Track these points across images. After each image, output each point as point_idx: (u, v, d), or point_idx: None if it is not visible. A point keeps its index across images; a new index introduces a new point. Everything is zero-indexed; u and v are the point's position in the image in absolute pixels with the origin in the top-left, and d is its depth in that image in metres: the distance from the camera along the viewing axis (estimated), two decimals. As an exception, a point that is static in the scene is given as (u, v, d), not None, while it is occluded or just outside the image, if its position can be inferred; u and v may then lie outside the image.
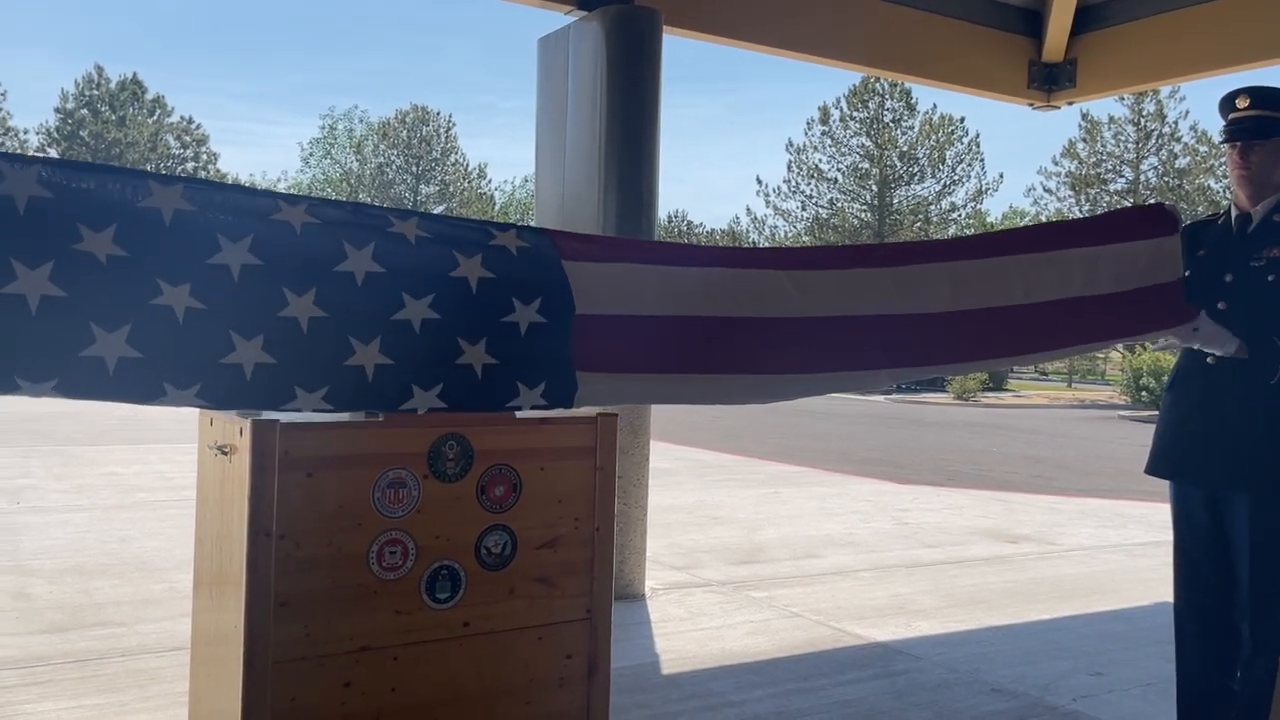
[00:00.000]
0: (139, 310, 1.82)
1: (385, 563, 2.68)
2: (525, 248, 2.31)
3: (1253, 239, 3.04)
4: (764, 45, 6.00)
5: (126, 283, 1.82)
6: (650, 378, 2.45)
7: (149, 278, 1.84)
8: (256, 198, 2.09)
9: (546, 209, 5.73)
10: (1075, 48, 6.85)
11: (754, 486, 9.67)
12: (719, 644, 4.54)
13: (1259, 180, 3.03)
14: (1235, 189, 3.11)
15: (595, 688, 3.00)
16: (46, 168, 1.77)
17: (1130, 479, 11.26)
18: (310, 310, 1.99)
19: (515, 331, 2.25)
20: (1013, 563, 6.53)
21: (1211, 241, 3.16)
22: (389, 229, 2.14)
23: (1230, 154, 3.07)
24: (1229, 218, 3.14)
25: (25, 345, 1.73)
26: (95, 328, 1.78)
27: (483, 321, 2.22)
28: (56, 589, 5.10)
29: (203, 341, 1.89)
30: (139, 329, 1.82)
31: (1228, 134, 3.06)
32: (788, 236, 48.43)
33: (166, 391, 1.88)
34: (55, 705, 3.54)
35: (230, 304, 1.92)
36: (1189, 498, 3.15)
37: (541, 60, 5.81)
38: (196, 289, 1.87)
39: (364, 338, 2.07)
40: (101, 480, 8.71)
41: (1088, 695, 3.98)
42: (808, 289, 2.60)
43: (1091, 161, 40.40)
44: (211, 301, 1.89)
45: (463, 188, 51.33)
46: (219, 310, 1.90)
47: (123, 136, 51.05)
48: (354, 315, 2.06)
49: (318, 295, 2.00)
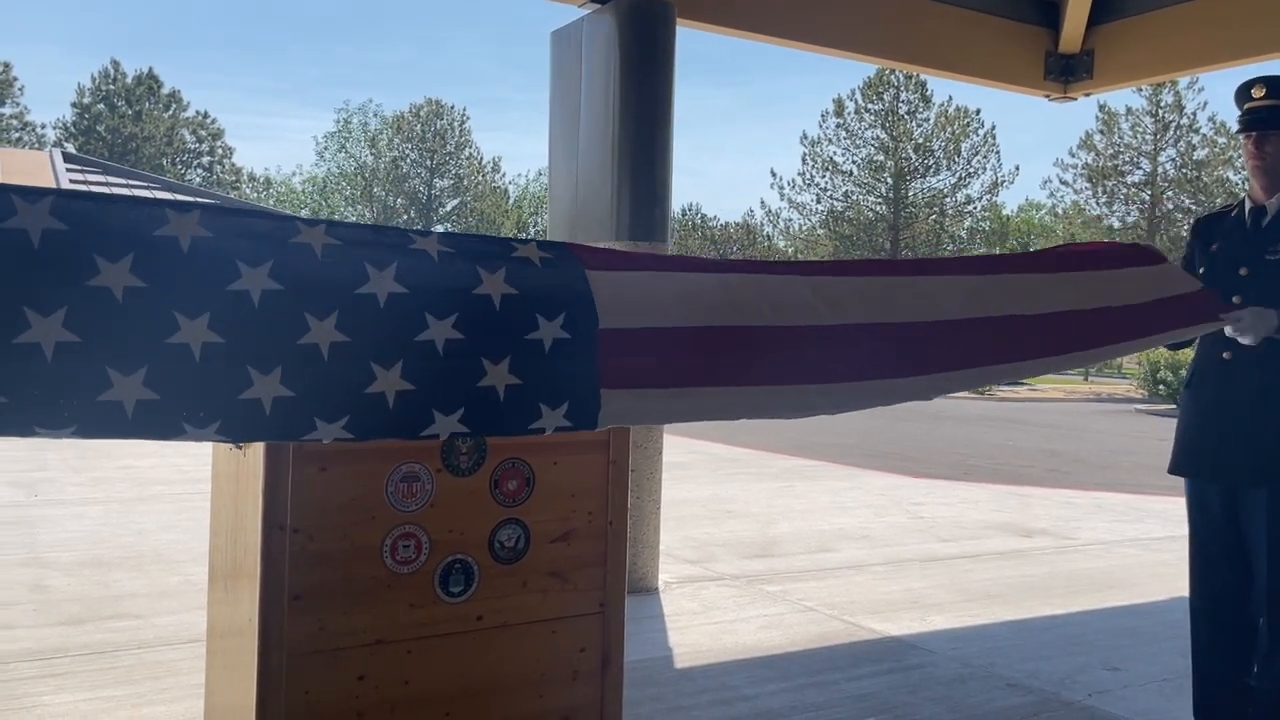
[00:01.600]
0: (156, 351, 1.80)
1: (399, 556, 2.68)
2: (548, 258, 2.27)
3: (1268, 232, 3.01)
4: (777, 37, 5.98)
5: (143, 320, 1.79)
6: (674, 393, 2.39)
7: (166, 311, 1.82)
8: (275, 221, 2.07)
9: (560, 202, 5.73)
10: (1092, 39, 6.80)
11: (768, 480, 9.66)
12: (732, 638, 4.53)
13: (1274, 171, 3.00)
14: (1250, 180, 3.08)
15: (608, 681, 3.00)
16: (60, 198, 1.75)
17: (1147, 473, 11.20)
18: (332, 335, 1.96)
19: (539, 349, 2.19)
20: (1028, 557, 6.50)
21: (1225, 235, 3.14)
22: (410, 246, 2.11)
23: (1245, 144, 3.04)
24: (1242, 210, 3.11)
25: (42, 394, 1.71)
26: (112, 372, 1.76)
27: (506, 340, 2.16)
28: (74, 581, 5.14)
29: (221, 378, 1.87)
30: (156, 370, 1.80)
31: (1243, 124, 3.03)
32: (802, 230, 48.32)
33: (186, 430, 1.87)
34: (73, 697, 3.56)
35: (249, 334, 1.88)
36: (1206, 494, 3.13)
37: (554, 53, 5.80)
38: (215, 319, 1.85)
39: (386, 362, 2.02)
40: (118, 473, 8.76)
41: (1104, 690, 3.96)
42: (831, 298, 2.56)
43: (1109, 153, 40.15)
44: (230, 333, 1.86)
45: (477, 181, 51.37)
46: (237, 343, 1.87)
47: (139, 131, 51.31)
48: (376, 338, 2.02)
49: (339, 319, 1.97)
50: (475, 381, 2.13)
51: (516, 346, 2.17)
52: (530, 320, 2.19)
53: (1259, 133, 2.99)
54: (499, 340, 2.16)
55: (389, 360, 2.03)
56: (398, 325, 2.06)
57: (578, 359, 2.24)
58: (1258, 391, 2.97)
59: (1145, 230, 38.65)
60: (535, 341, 2.19)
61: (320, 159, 56.49)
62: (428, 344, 2.07)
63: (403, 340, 2.06)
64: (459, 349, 2.10)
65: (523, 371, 2.17)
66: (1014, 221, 58.51)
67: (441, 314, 2.09)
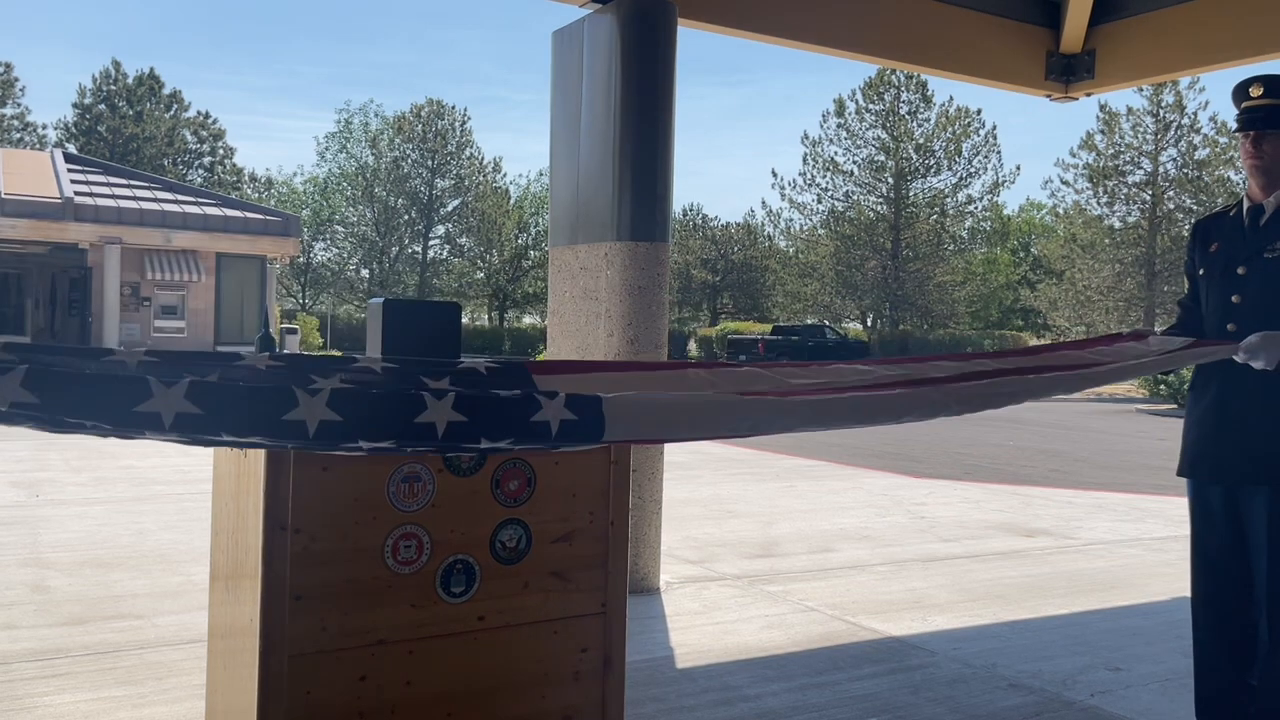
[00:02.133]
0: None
1: (400, 556, 2.68)
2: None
3: (1266, 231, 3.02)
4: (778, 37, 5.98)
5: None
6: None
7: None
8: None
9: (561, 202, 5.72)
10: (1094, 38, 6.79)
11: (769, 480, 9.66)
12: (734, 638, 4.53)
13: (1272, 170, 3.01)
14: (1249, 179, 3.09)
15: (610, 681, 3.00)
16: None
17: (1148, 473, 11.19)
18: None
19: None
20: (1030, 557, 6.49)
21: (1224, 235, 3.14)
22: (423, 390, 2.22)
23: (1243, 143, 3.05)
24: (1241, 210, 3.12)
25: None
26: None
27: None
28: (75, 581, 5.14)
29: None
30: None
31: (1241, 123, 3.03)
32: (803, 230, 48.31)
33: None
34: (74, 697, 3.56)
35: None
36: (1207, 494, 3.13)
37: (555, 53, 5.80)
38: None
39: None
40: (119, 473, 8.76)
41: (1105, 690, 3.96)
42: (784, 372, 2.70)
43: (1110, 153, 40.09)
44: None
45: (478, 181, 51.34)
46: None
47: (140, 131, 51.34)
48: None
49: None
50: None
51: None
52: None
53: (1257, 132, 2.99)
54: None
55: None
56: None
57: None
58: (1258, 392, 2.97)
59: (1146, 230, 38.63)
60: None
61: (321, 159, 56.61)
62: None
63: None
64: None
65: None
66: (1015, 221, 58.54)
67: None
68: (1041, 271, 49.30)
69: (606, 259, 5.30)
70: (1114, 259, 38.44)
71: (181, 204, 26.37)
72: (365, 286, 50.96)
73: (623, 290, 5.23)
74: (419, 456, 2.69)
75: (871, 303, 46.80)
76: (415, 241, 51.31)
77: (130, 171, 30.21)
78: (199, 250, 26.02)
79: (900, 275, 44.70)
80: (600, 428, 2.27)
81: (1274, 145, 2.98)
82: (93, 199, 24.87)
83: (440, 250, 51.99)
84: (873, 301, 46.63)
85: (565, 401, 2.24)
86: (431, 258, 51.56)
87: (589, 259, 5.43)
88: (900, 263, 44.81)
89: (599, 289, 5.34)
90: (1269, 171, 3.01)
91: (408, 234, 51.04)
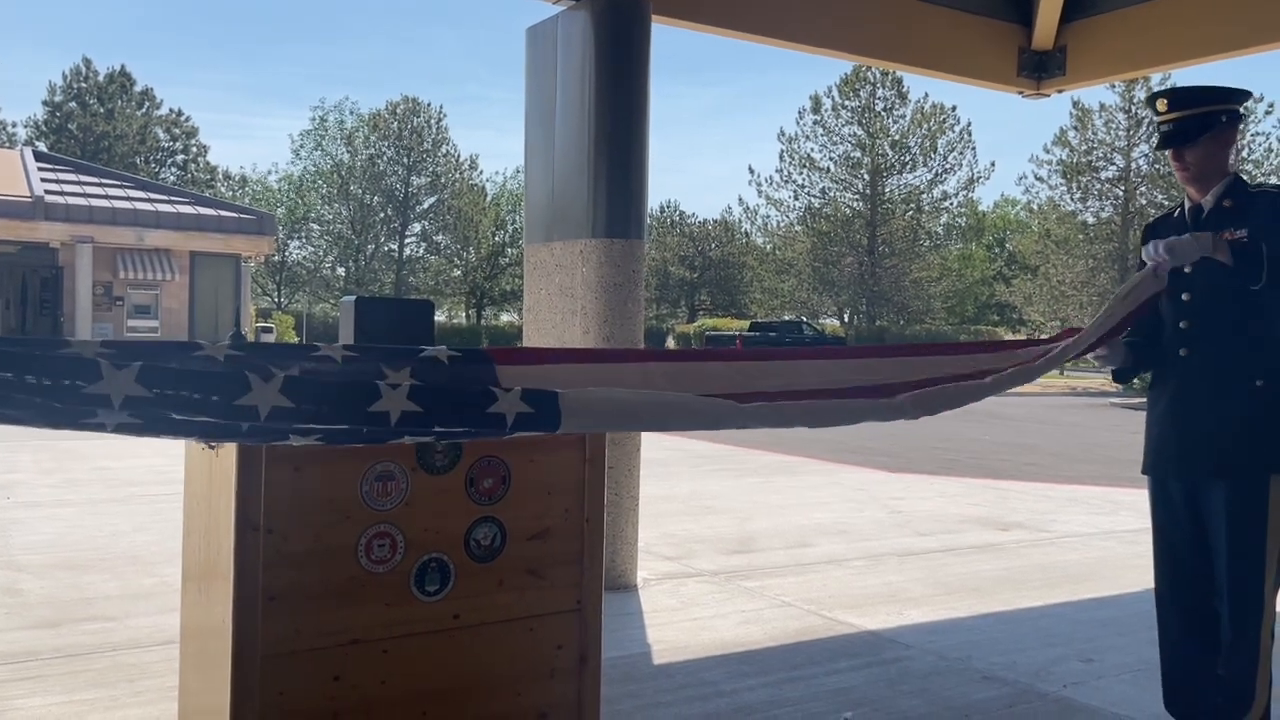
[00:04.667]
0: None
1: (374, 555, 2.67)
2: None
3: (1205, 225, 3.09)
4: (752, 34, 5.98)
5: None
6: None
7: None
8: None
9: (536, 200, 5.71)
10: (1065, 35, 6.84)
11: (747, 476, 9.68)
12: (711, 634, 4.54)
13: (1202, 175, 3.11)
14: (1184, 186, 3.18)
15: (586, 678, 3.00)
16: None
17: (1121, 466, 11.30)
18: None
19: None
20: (1005, 550, 6.54)
21: (1170, 235, 3.20)
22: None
23: (1168, 156, 3.14)
24: (1184, 210, 3.20)
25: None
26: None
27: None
28: (47, 584, 5.09)
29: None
30: None
31: (1160, 141, 3.12)
32: (780, 226, 48.41)
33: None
34: (46, 700, 3.53)
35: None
36: (1168, 487, 3.18)
37: (530, 50, 5.78)
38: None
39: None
40: (92, 475, 8.68)
41: (1078, 682, 3.99)
42: (746, 372, 2.74)
43: (1083, 149, 40.34)
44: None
45: (454, 179, 51.09)
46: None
47: (111, 129, 50.79)
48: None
49: None
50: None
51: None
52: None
53: (1174, 149, 3.07)
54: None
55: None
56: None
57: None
58: (1214, 387, 3.02)
59: (1119, 225, 38.93)
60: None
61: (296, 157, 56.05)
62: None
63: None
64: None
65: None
66: (989, 217, 58.89)
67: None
68: (1016, 267, 49.61)
69: (582, 256, 5.30)
70: (1088, 254, 38.72)
71: (154, 202, 26.13)
72: (341, 285, 50.65)
73: (598, 287, 5.22)
74: (392, 455, 2.68)
75: (848, 299, 46.96)
76: (391, 239, 51.03)
77: (102, 170, 29.91)
78: (172, 249, 25.80)
79: (876, 271, 44.87)
80: (556, 421, 2.29)
81: (1195, 154, 3.09)
82: (64, 198, 24.60)
83: (417, 248, 51.74)
84: (849, 297, 46.79)
85: (522, 395, 2.26)
86: (408, 255, 51.30)
87: (564, 256, 5.42)
88: (876, 259, 44.98)
89: (575, 286, 5.34)
90: (1199, 178, 3.12)
91: (384, 232, 50.75)
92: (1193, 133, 3.04)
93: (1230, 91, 3.08)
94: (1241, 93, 3.10)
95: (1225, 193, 3.08)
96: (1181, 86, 3.13)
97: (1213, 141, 3.06)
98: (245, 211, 28.19)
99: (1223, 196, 3.08)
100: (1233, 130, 3.11)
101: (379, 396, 2.13)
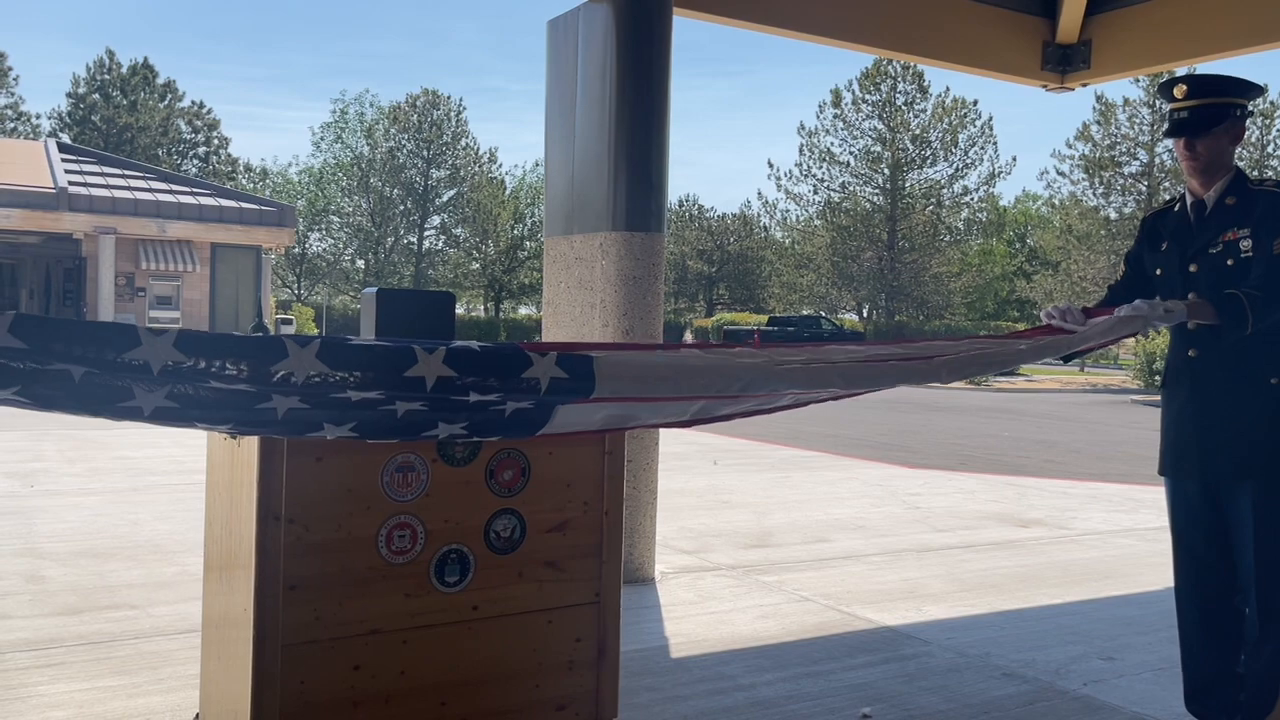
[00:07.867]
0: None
1: (394, 546, 2.68)
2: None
3: (1209, 224, 3.04)
4: (774, 27, 5.96)
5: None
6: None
7: None
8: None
9: (556, 193, 5.71)
10: (1090, 28, 6.78)
11: (764, 470, 9.67)
12: (728, 628, 4.54)
13: (1209, 168, 3.03)
14: (1186, 178, 3.10)
15: (604, 671, 3.00)
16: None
17: (1141, 463, 11.21)
18: None
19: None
20: (1024, 547, 6.51)
21: (1171, 232, 3.15)
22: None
23: (1177, 146, 3.05)
24: (1184, 205, 3.13)
25: None
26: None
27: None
28: (70, 571, 5.13)
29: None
30: None
31: (1171, 128, 3.03)
32: (799, 221, 48.28)
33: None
34: (69, 687, 3.56)
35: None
36: (1186, 487, 3.14)
37: (551, 43, 5.78)
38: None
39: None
40: (114, 464, 8.75)
41: (1099, 680, 3.97)
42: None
43: (1106, 144, 40.06)
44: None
45: (473, 172, 51.20)
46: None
47: (134, 121, 51.11)
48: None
49: None
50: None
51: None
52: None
53: (1187, 138, 3.00)
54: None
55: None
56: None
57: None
58: (1229, 387, 2.98)
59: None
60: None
61: (316, 149, 56.35)
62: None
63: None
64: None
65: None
66: (1011, 213, 58.53)
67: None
68: (1037, 263, 49.33)
69: (601, 249, 5.29)
70: (1109, 250, 38.44)
71: (176, 194, 26.28)
72: (360, 277, 50.88)
73: (618, 280, 5.22)
74: (412, 446, 2.69)
75: (867, 294, 46.79)
76: (411, 232, 51.20)
77: (124, 161, 30.10)
78: (194, 240, 25.95)
79: (896, 266, 44.68)
80: (591, 384, 2.31)
81: (1207, 145, 3.00)
82: (87, 189, 24.78)
83: (436, 241, 51.90)
84: (868, 292, 46.62)
85: (557, 360, 2.27)
86: (427, 248, 51.47)
87: (584, 249, 5.42)
88: (896, 254, 44.79)
89: (594, 279, 5.34)
90: (1206, 170, 3.03)
91: (403, 224, 50.93)
92: (1208, 122, 2.97)
93: (1249, 85, 3.02)
94: (1258, 88, 3.05)
95: (1228, 189, 3.02)
96: (1201, 74, 3.06)
97: (1225, 134, 2.99)
98: (266, 203, 28.31)
99: (1226, 193, 3.02)
100: (1243, 125, 3.05)
101: (415, 361, 2.14)
